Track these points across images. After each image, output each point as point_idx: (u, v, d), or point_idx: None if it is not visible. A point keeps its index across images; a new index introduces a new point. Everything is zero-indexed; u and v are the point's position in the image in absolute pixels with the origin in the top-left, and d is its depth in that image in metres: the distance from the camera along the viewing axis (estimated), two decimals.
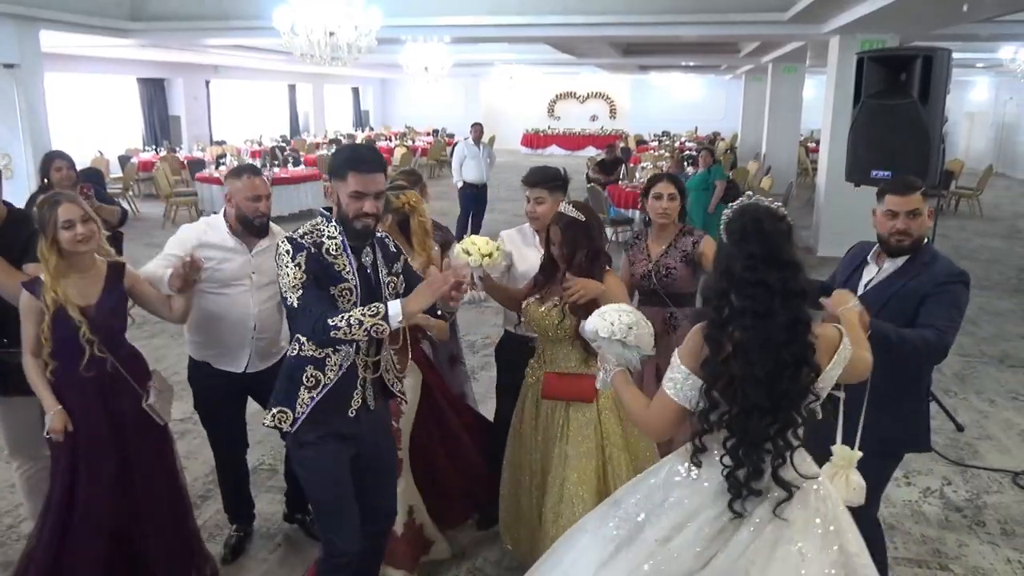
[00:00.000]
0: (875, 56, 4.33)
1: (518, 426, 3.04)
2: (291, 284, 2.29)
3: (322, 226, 2.38)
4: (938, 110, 4.09)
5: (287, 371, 2.45)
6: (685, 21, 9.31)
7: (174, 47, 13.22)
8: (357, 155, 2.38)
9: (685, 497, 1.95)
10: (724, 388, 1.84)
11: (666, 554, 1.90)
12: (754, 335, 1.81)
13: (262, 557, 3.37)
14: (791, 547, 1.85)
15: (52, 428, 2.63)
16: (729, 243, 1.89)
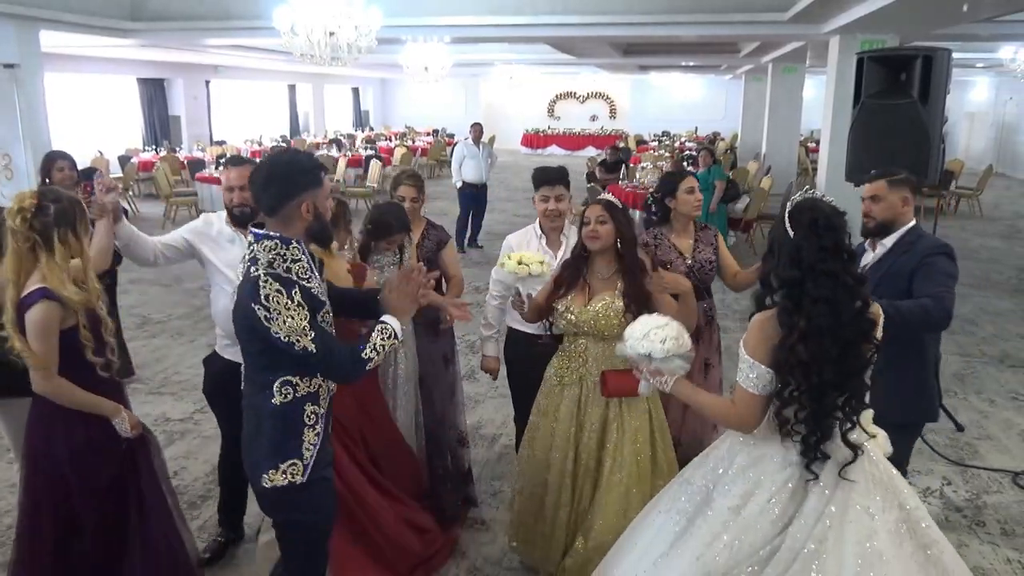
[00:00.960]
0: (875, 56, 4.32)
1: (549, 427, 2.97)
2: (301, 328, 2.06)
3: (282, 250, 2.13)
4: (938, 110, 4.09)
5: (279, 420, 2.18)
6: (685, 21, 9.30)
7: (174, 47, 13.20)
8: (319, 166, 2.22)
9: (749, 467, 2.13)
10: (795, 369, 1.99)
11: (741, 522, 2.06)
12: (827, 320, 1.97)
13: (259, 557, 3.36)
14: (859, 508, 2.00)
15: (132, 426, 2.55)
16: (798, 235, 2.03)
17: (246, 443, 2.29)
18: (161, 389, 5.30)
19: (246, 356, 2.25)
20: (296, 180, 2.13)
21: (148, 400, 5.06)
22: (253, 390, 2.25)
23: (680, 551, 2.14)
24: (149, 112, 18.28)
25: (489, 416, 4.86)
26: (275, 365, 2.17)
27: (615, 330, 2.78)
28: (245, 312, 2.10)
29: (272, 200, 2.12)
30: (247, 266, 2.15)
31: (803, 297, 2.00)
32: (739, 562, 2.02)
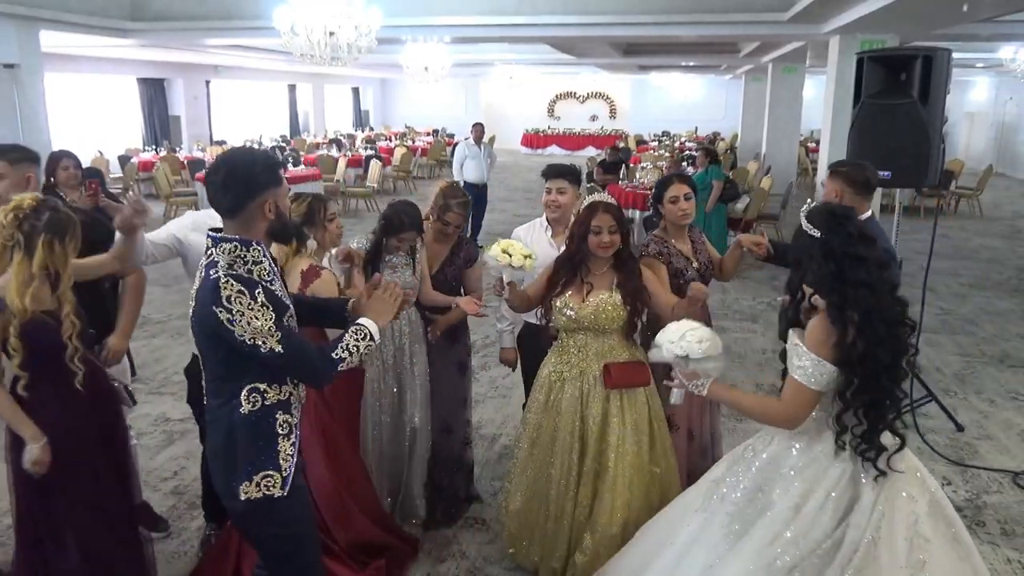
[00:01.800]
0: (875, 56, 4.32)
1: (552, 423, 2.99)
2: (266, 329, 1.99)
3: (242, 252, 2.05)
4: (938, 110, 4.09)
5: (249, 430, 2.10)
6: (685, 21, 9.30)
7: (174, 47, 13.21)
8: (277, 163, 2.17)
9: (806, 467, 2.19)
10: (855, 363, 2.07)
11: (802, 519, 2.13)
12: (869, 302, 2.08)
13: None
14: (904, 495, 2.13)
15: (38, 461, 2.43)
16: (824, 231, 2.14)
17: (213, 458, 2.19)
18: (161, 389, 5.30)
19: (208, 365, 2.14)
20: (257, 179, 2.04)
21: (148, 400, 5.06)
22: (218, 401, 2.13)
23: (738, 552, 2.20)
24: (149, 112, 18.28)
25: (489, 416, 4.86)
26: (240, 372, 2.08)
27: (614, 324, 2.87)
28: (205, 316, 2.00)
29: (233, 201, 2.03)
30: (204, 270, 2.05)
31: (845, 289, 2.08)
32: (804, 557, 2.10)
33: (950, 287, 8.28)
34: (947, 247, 10.30)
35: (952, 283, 8.45)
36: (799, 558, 2.11)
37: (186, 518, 3.67)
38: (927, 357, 5.84)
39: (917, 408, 4.69)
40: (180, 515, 3.69)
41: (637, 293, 2.89)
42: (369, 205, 13.15)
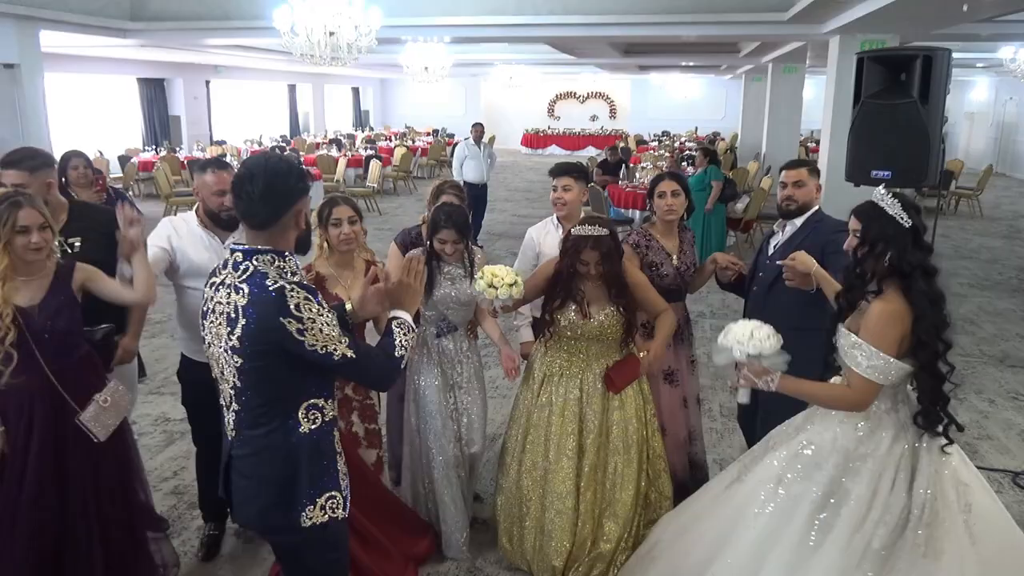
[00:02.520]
0: (875, 56, 4.32)
1: (543, 418, 3.06)
2: (335, 335, 1.90)
3: (280, 263, 1.94)
4: (938, 110, 4.08)
5: (312, 450, 2.00)
6: (685, 21, 9.30)
7: (174, 47, 13.20)
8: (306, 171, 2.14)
9: (872, 452, 2.35)
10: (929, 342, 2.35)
11: (881, 501, 2.29)
12: (933, 289, 2.33)
13: (262, 557, 3.36)
14: (941, 451, 2.39)
15: None
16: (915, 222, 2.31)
17: (259, 493, 2.02)
18: (161, 389, 5.30)
19: (254, 389, 1.96)
20: (294, 189, 1.96)
21: (148, 400, 5.06)
22: (265, 428, 1.97)
23: (826, 546, 2.29)
24: (149, 112, 18.28)
25: (489, 416, 4.83)
26: (298, 389, 1.97)
27: (617, 334, 3.00)
28: (267, 331, 1.86)
29: (271, 213, 1.93)
30: (245, 286, 1.90)
31: (925, 275, 2.30)
32: (890, 533, 2.26)
33: (950, 287, 8.24)
34: (947, 247, 10.30)
35: (952, 283, 8.45)
36: (887, 536, 2.25)
37: (186, 518, 3.67)
38: None
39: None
40: (180, 515, 3.69)
41: (629, 306, 2.99)
42: (369, 205, 13.14)
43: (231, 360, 1.94)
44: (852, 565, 2.25)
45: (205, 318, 2.03)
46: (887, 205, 2.33)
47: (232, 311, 1.92)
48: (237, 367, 1.94)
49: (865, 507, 2.29)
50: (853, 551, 2.25)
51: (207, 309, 2.02)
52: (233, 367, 1.95)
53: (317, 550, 2.08)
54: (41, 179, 2.95)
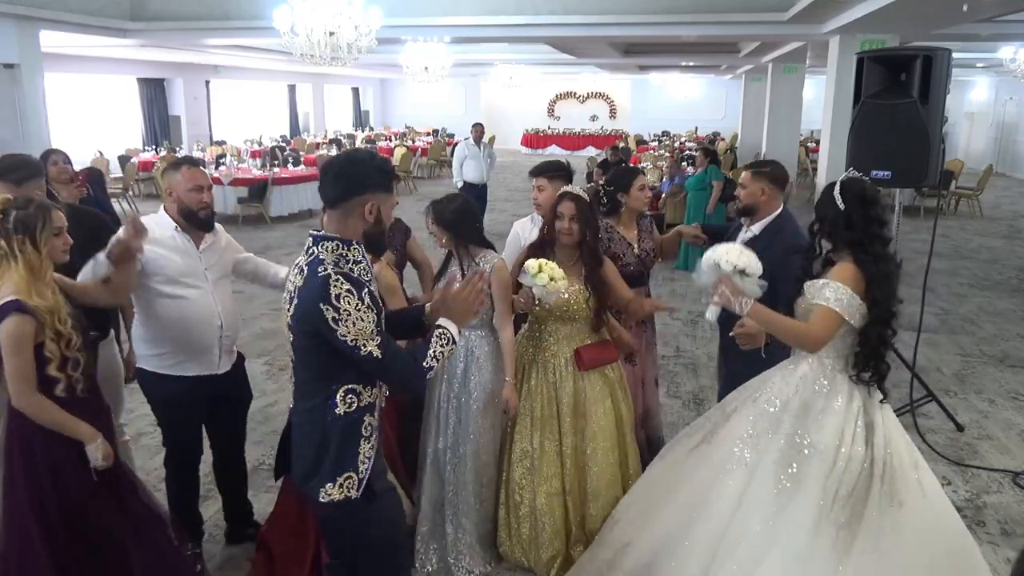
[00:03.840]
0: (875, 56, 4.32)
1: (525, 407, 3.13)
2: (368, 331, 1.99)
3: (343, 250, 2.06)
4: (938, 110, 4.08)
5: (343, 432, 2.11)
6: (685, 21, 9.30)
7: (174, 47, 13.21)
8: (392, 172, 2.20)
9: (831, 407, 2.54)
10: (880, 304, 2.52)
11: (844, 452, 2.47)
12: (890, 267, 2.57)
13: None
14: (888, 408, 2.61)
15: (105, 456, 2.41)
16: (849, 207, 2.57)
17: (303, 457, 2.17)
18: None
19: (302, 364, 2.13)
20: (368, 178, 2.07)
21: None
22: (310, 403, 2.13)
23: (799, 493, 2.46)
24: (149, 112, 18.29)
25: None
26: (339, 372, 2.08)
27: (582, 313, 3.11)
28: (309, 313, 1.99)
29: (338, 192, 2.06)
30: (306, 268, 2.04)
31: (872, 252, 2.53)
32: (855, 481, 2.45)
33: (950, 287, 8.28)
34: (947, 247, 10.30)
35: (952, 283, 8.45)
36: (852, 484, 2.45)
37: None
38: (927, 357, 5.84)
39: (917, 408, 4.68)
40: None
41: (598, 287, 3.10)
42: None
43: (289, 335, 2.13)
44: (825, 512, 2.42)
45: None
46: (834, 190, 2.62)
47: (293, 291, 2.09)
48: (291, 343, 2.14)
49: (831, 458, 2.47)
50: (826, 498, 2.43)
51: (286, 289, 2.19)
52: (290, 342, 2.14)
53: (335, 526, 2.23)
54: (28, 191, 2.88)
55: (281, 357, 5.88)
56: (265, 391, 5.17)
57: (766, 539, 2.44)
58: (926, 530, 2.45)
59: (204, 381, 3.02)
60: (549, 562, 3.11)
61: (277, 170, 12.82)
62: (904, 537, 2.41)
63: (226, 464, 3.36)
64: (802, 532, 2.42)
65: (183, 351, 2.96)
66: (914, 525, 2.43)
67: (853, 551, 2.39)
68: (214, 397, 3.10)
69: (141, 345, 3.02)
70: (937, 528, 2.49)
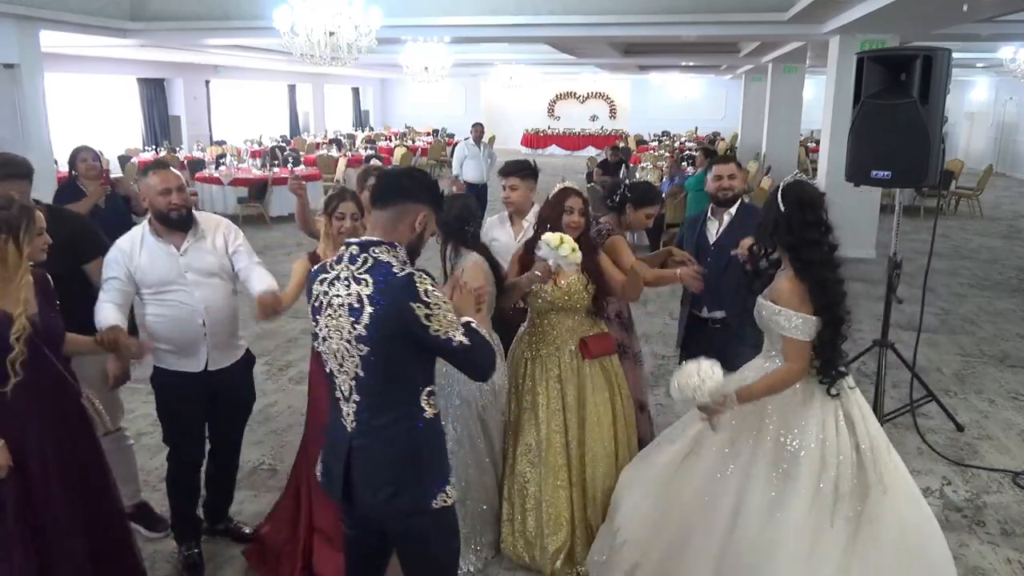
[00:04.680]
0: (875, 56, 4.31)
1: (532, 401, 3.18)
2: (454, 321, 1.99)
3: (395, 252, 2.05)
4: (938, 110, 4.07)
5: (435, 436, 2.10)
6: (685, 21, 9.30)
7: (174, 47, 13.21)
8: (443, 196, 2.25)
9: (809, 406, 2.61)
10: (825, 309, 2.54)
11: (830, 446, 2.55)
12: (827, 272, 2.56)
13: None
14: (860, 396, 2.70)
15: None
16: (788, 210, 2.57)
17: (388, 475, 2.04)
18: None
19: (382, 374, 2.01)
20: (427, 190, 2.10)
21: (148, 400, 5.03)
22: (391, 415, 2.03)
23: (792, 491, 2.52)
24: (149, 112, 18.28)
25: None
26: (422, 375, 2.05)
27: (583, 302, 3.20)
28: (396, 315, 1.93)
29: (394, 193, 2.06)
30: (368, 276, 1.98)
31: (802, 259, 2.55)
32: (847, 472, 2.53)
33: (950, 287, 8.28)
34: (947, 247, 10.30)
35: (952, 283, 8.45)
36: (850, 478, 2.53)
37: None
38: (927, 357, 5.84)
39: (917, 408, 4.68)
40: None
41: (596, 273, 3.20)
42: None
43: (355, 350, 1.99)
44: (827, 509, 2.49)
45: (318, 314, 2.07)
46: (777, 192, 2.65)
47: (355, 301, 1.98)
48: (362, 355, 1.99)
49: (818, 456, 2.54)
50: (823, 495, 2.50)
51: (319, 304, 2.07)
52: (356, 357, 2.00)
53: (442, 535, 2.15)
54: (5, 189, 2.85)
55: (281, 357, 5.88)
56: (265, 391, 5.17)
57: (769, 541, 2.49)
58: (906, 508, 2.58)
59: (197, 378, 3.05)
60: (555, 554, 3.14)
61: (277, 170, 12.81)
62: (893, 519, 2.52)
63: (216, 462, 3.38)
64: (804, 534, 2.47)
65: (172, 348, 3.02)
66: (898, 506, 2.55)
67: (858, 542, 2.48)
68: (213, 394, 3.12)
69: (145, 337, 3.10)
70: (910, 503, 2.62)
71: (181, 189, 2.95)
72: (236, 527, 3.49)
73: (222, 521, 3.49)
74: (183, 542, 3.27)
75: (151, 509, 3.55)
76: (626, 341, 3.65)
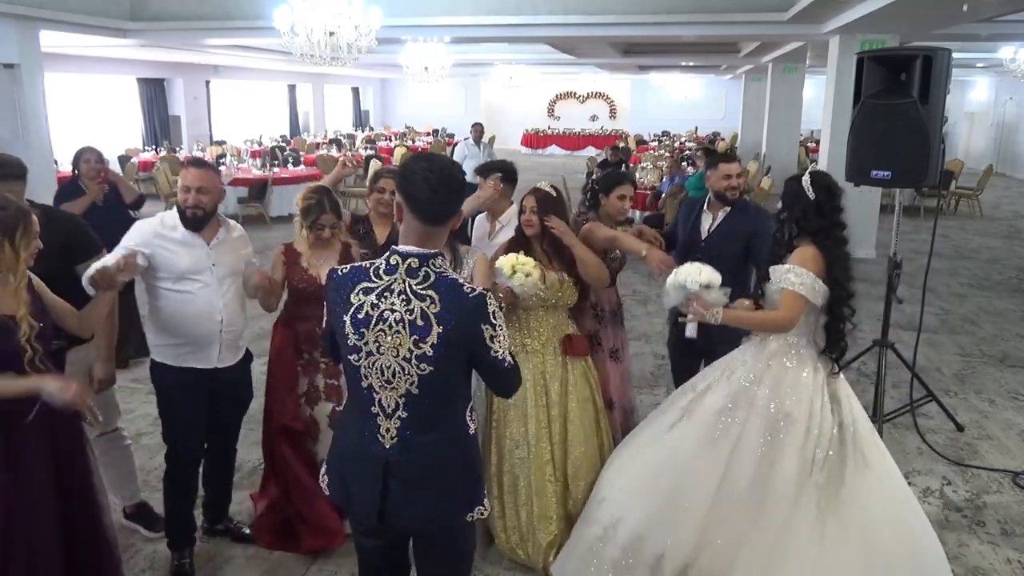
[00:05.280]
0: (875, 56, 4.31)
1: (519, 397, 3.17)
2: (507, 341, 1.97)
3: (444, 264, 1.98)
4: (938, 110, 4.08)
5: (474, 451, 2.09)
6: (685, 21, 9.30)
7: (174, 47, 13.22)
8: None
9: (800, 380, 2.80)
10: (839, 285, 2.79)
11: (816, 420, 2.74)
12: (839, 247, 2.83)
13: (263, 556, 3.36)
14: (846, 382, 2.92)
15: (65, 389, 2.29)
16: (819, 196, 2.83)
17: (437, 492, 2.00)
18: None
19: (438, 392, 1.94)
20: (464, 190, 2.06)
21: (148, 400, 5.05)
22: (438, 433, 1.98)
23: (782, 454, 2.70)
24: (149, 112, 18.29)
25: None
26: (466, 390, 2.03)
27: (572, 300, 3.26)
28: (465, 337, 1.88)
29: (449, 208, 1.96)
30: (433, 291, 1.89)
31: (834, 237, 2.79)
32: (829, 446, 2.72)
33: (950, 287, 8.28)
34: (947, 247, 10.30)
35: (952, 283, 8.45)
36: (827, 447, 2.72)
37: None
38: (927, 357, 5.85)
39: (917, 408, 4.68)
40: None
41: (570, 265, 3.20)
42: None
43: (413, 368, 1.90)
44: (805, 477, 2.68)
45: (365, 326, 1.93)
46: (804, 181, 2.86)
47: (419, 318, 1.88)
48: (421, 375, 1.90)
49: (804, 425, 2.72)
50: (803, 465, 2.69)
51: (366, 316, 1.92)
52: (414, 375, 1.91)
53: (466, 541, 2.16)
54: (2, 190, 2.86)
55: None
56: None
57: (753, 507, 2.67)
58: (887, 484, 2.75)
59: (204, 374, 3.07)
60: (548, 547, 3.15)
61: (277, 170, 12.81)
62: (875, 493, 2.69)
63: (213, 460, 3.38)
64: (785, 500, 2.65)
65: (185, 344, 3.02)
66: (880, 482, 2.73)
67: (834, 510, 2.65)
68: (214, 392, 3.13)
69: (151, 335, 3.12)
70: (892, 482, 2.79)
71: (202, 191, 2.94)
72: (236, 527, 3.49)
73: (222, 521, 3.49)
74: (176, 549, 3.23)
75: (150, 509, 3.54)
76: (600, 334, 3.60)
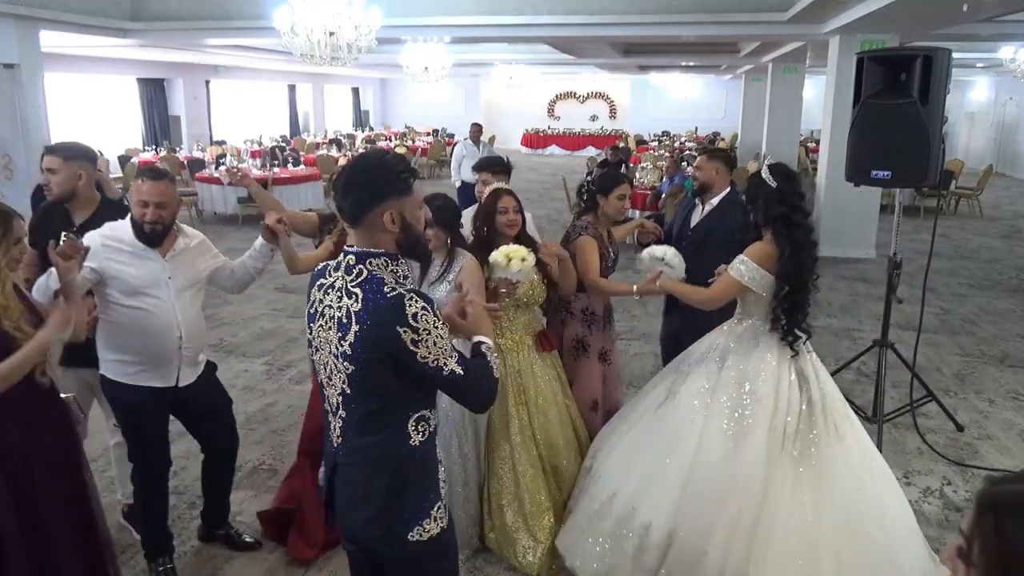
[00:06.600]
0: (875, 56, 4.31)
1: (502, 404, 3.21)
2: (448, 348, 1.83)
3: (392, 266, 1.87)
4: (938, 110, 4.07)
5: (421, 463, 1.94)
6: (685, 21, 9.31)
7: (174, 47, 13.22)
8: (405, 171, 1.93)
9: (766, 359, 2.97)
10: (792, 274, 2.90)
11: (783, 396, 2.90)
12: (806, 239, 2.93)
13: (263, 557, 3.37)
14: (815, 357, 3.08)
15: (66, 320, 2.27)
16: (780, 184, 2.95)
17: (367, 499, 1.92)
18: None
19: (367, 394, 1.87)
20: (377, 184, 1.85)
21: None
22: (374, 438, 1.90)
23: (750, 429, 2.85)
24: (149, 112, 18.29)
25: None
26: (408, 401, 1.89)
27: (536, 296, 3.30)
28: (382, 340, 1.78)
29: (352, 207, 1.85)
30: (359, 290, 1.82)
31: (791, 225, 2.92)
32: (797, 419, 2.87)
33: (950, 287, 8.28)
34: (947, 247, 10.30)
35: (952, 283, 8.45)
36: (796, 421, 2.88)
37: (186, 518, 3.66)
38: (927, 357, 5.85)
39: (917, 408, 4.68)
40: (180, 515, 3.69)
41: (544, 268, 3.21)
42: None
43: (340, 366, 1.87)
44: (776, 449, 2.83)
45: (313, 321, 1.93)
46: (763, 173, 3.01)
47: (344, 316, 1.83)
48: (348, 374, 1.86)
49: (771, 403, 2.87)
50: (773, 438, 2.84)
51: (314, 312, 1.93)
52: (343, 373, 1.87)
53: (429, 560, 2.00)
54: (73, 169, 3.08)
55: (281, 357, 5.88)
56: (265, 391, 5.17)
57: (725, 477, 2.81)
58: (857, 456, 2.90)
59: (164, 393, 2.93)
60: (544, 539, 3.18)
61: (277, 170, 12.81)
62: (848, 463, 2.86)
63: (211, 467, 3.34)
64: (757, 469, 2.80)
65: (141, 361, 2.87)
66: (850, 454, 2.89)
67: (809, 480, 2.80)
68: (184, 410, 3.08)
69: (102, 351, 2.91)
70: (863, 453, 2.94)
71: (161, 206, 2.77)
72: (235, 535, 3.43)
73: (221, 527, 3.45)
74: (154, 559, 3.16)
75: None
76: (588, 338, 3.57)
